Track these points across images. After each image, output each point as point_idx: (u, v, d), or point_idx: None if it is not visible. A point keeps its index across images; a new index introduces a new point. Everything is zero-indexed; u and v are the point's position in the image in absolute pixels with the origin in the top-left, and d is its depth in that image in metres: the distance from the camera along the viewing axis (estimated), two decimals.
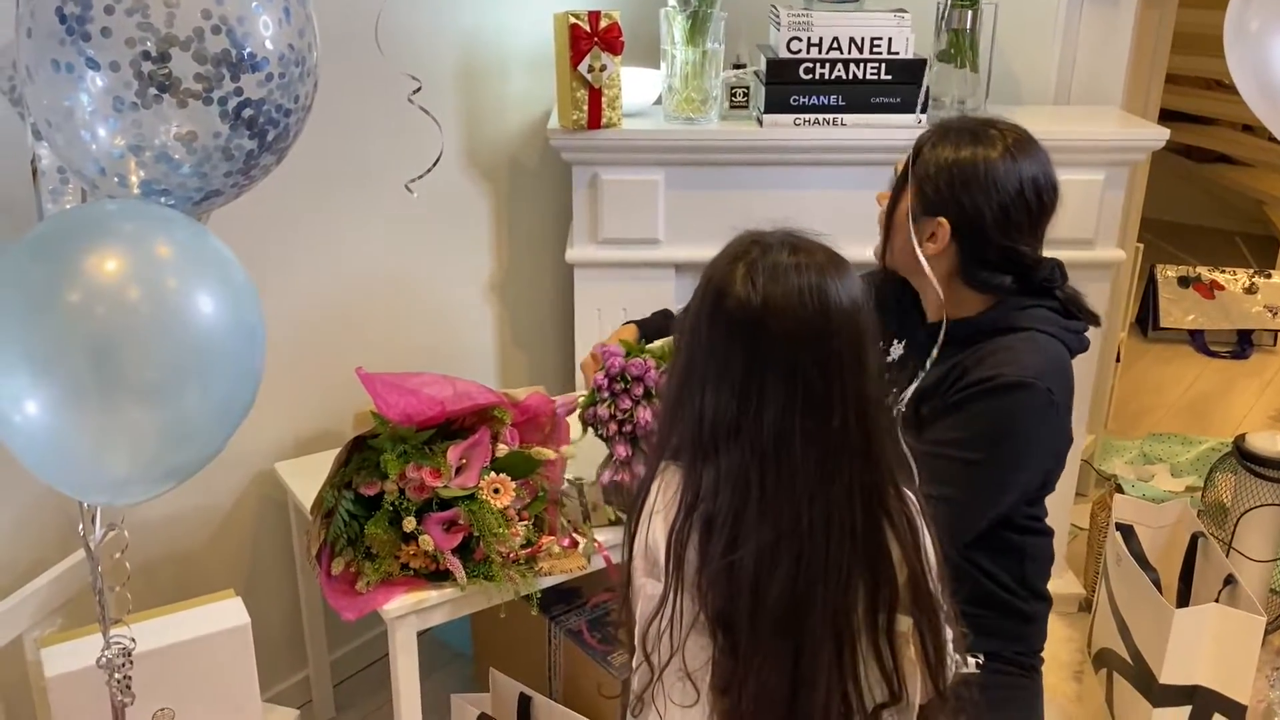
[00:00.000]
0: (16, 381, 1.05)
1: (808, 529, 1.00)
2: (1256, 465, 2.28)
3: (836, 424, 1.00)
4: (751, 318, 1.01)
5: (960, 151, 1.50)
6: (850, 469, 1.01)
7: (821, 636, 1.01)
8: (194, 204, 1.17)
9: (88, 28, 1.05)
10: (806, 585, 1.00)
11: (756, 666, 1.02)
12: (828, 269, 1.03)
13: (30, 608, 1.56)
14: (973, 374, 1.48)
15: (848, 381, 1.01)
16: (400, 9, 1.94)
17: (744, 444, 1.01)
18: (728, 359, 1.02)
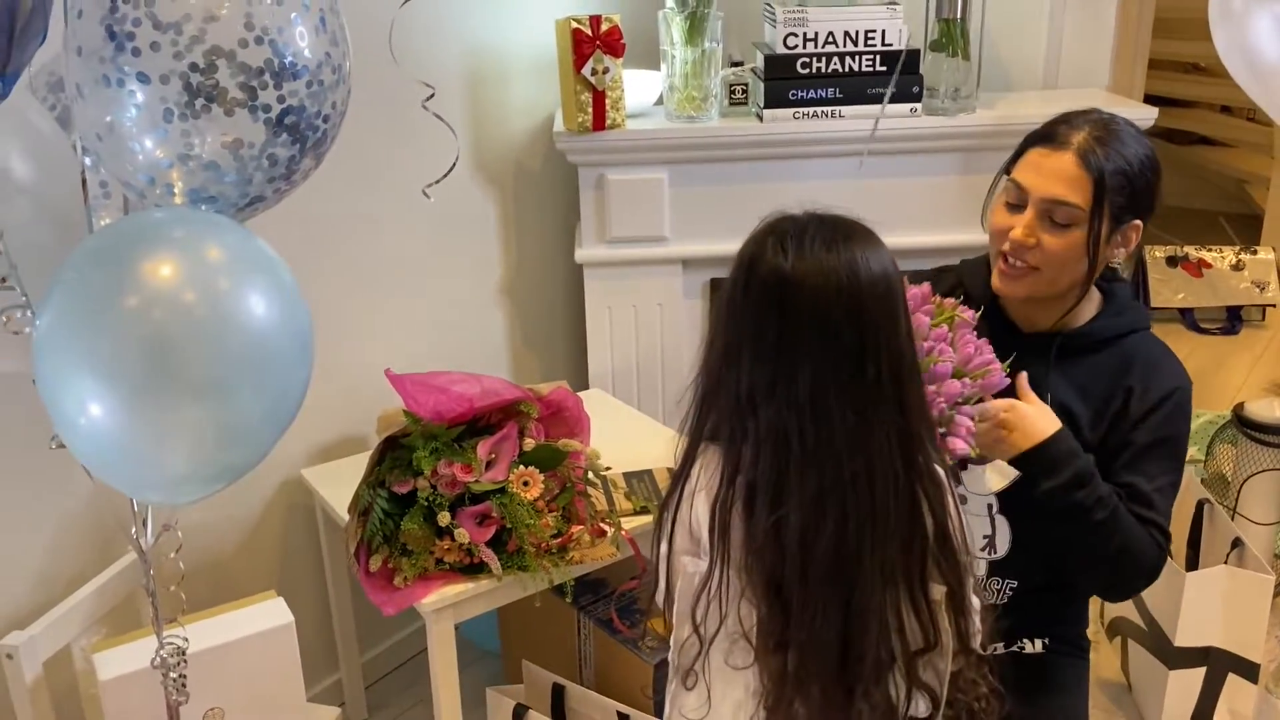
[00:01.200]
0: (80, 385, 1.09)
1: (850, 479, 1.04)
2: (1256, 432, 2.35)
3: (871, 377, 1.04)
4: (783, 281, 1.04)
5: (1138, 143, 1.50)
6: (888, 420, 1.05)
7: (871, 585, 1.05)
8: (238, 209, 1.21)
9: (136, 43, 1.09)
10: (856, 535, 1.04)
11: (808, 621, 1.06)
12: (855, 236, 1.07)
13: (77, 618, 1.59)
14: (1152, 393, 1.50)
15: (881, 339, 1.05)
16: (405, 19, 1.99)
17: (780, 406, 1.04)
18: (761, 326, 1.06)
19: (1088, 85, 2.52)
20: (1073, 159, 1.45)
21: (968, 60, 2.20)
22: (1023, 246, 1.47)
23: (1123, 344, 1.54)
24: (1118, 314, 1.56)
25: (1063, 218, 1.45)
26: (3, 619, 1.60)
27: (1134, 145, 1.49)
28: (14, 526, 1.64)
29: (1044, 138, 1.49)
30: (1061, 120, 1.51)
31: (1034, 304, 1.56)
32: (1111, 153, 1.45)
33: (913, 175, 2.23)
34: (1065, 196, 1.44)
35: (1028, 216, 1.47)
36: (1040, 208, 1.46)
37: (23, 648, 1.48)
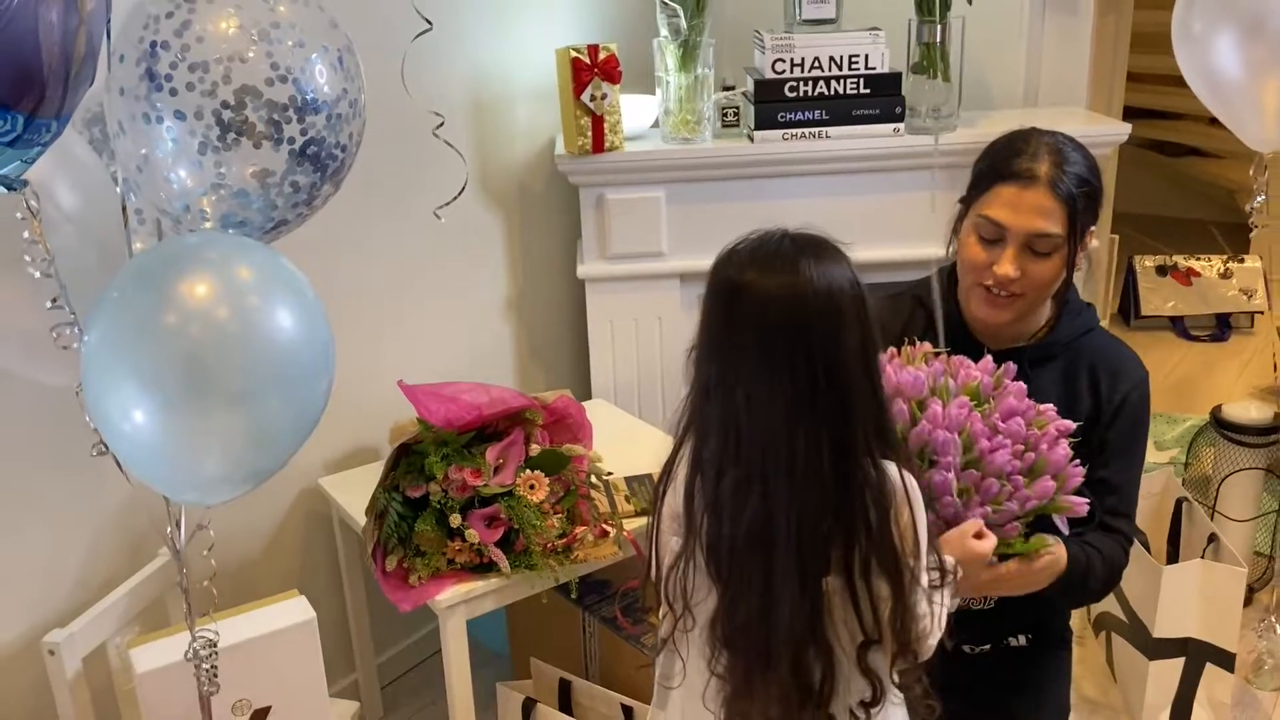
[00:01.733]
0: (125, 394, 1.19)
1: (771, 471, 1.12)
2: (1233, 433, 2.44)
3: (805, 383, 1.11)
4: (735, 289, 1.14)
5: (1085, 157, 1.56)
6: (820, 426, 1.12)
7: (786, 569, 1.13)
8: (265, 233, 1.32)
9: (173, 84, 1.21)
10: (769, 520, 1.13)
11: (731, 595, 1.16)
12: (812, 252, 1.15)
13: (112, 617, 1.69)
14: (1118, 392, 1.58)
15: (821, 350, 1.11)
16: (415, 52, 2.10)
17: (726, 399, 1.14)
18: (716, 328, 1.16)
19: (1066, 103, 2.63)
20: (1046, 192, 1.50)
21: (948, 81, 2.31)
22: (1008, 279, 1.52)
23: (1080, 344, 1.62)
24: (1073, 318, 1.64)
25: (1044, 247, 1.51)
26: (44, 617, 1.71)
27: (1083, 160, 1.57)
28: (54, 531, 1.75)
29: (1011, 175, 1.53)
30: (1016, 153, 1.55)
31: (1011, 322, 1.61)
32: (1072, 175, 1.52)
33: (897, 191, 2.34)
34: (1047, 229, 1.50)
35: (1010, 252, 1.52)
36: (1022, 241, 1.51)
37: (64, 644, 1.58)
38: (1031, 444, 1.40)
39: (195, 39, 1.21)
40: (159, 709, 1.57)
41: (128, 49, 1.22)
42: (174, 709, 1.56)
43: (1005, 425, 1.39)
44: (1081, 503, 1.42)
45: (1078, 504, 1.41)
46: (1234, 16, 1.85)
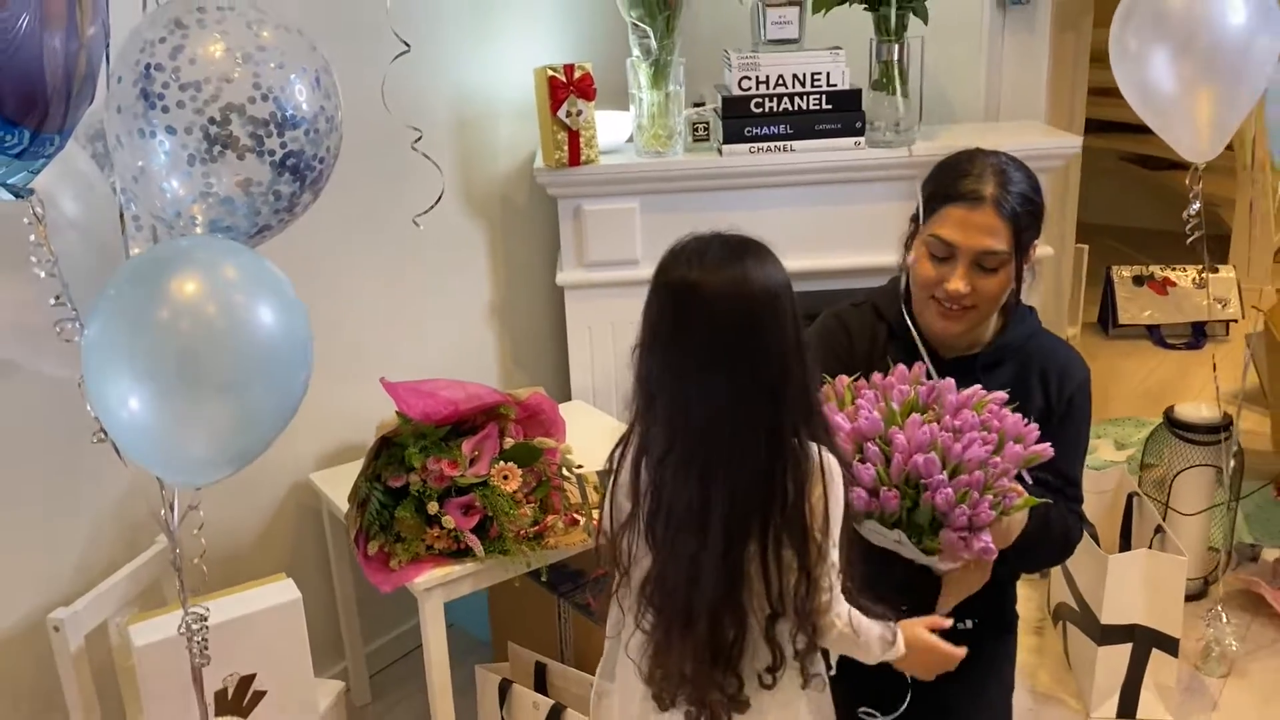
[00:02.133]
0: (122, 384, 1.32)
1: (710, 457, 1.24)
2: (1184, 431, 2.55)
3: (744, 374, 1.23)
4: (679, 288, 1.25)
5: (1026, 176, 1.67)
6: (754, 414, 1.24)
7: (715, 543, 1.25)
8: (250, 237, 1.45)
9: (165, 102, 1.33)
10: (705, 500, 1.25)
11: (662, 561, 1.29)
12: (751, 253, 1.26)
13: (113, 598, 1.81)
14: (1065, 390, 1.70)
15: (757, 343, 1.23)
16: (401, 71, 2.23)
17: (672, 388, 1.26)
18: (660, 324, 1.27)
19: (1026, 117, 2.76)
20: (992, 212, 1.60)
21: (906, 97, 2.44)
22: (961, 296, 1.63)
23: (1028, 348, 1.74)
24: (1019, 323, 1.75)
25: (992, 263, 1.62)
26: (50, 596, 1.83)
27: (1025, 179, 1.67)
28: (60, 515, 1.87)
29: (960, 197, 1.63)
30: (963, 174, 1.65)
31: (965, 333, 1.71)
32: (1015, 194, 1.63)
33: (859, 202, 2.46)
34: (994, 246, 1.60)
35: (961, 269, 1.62)
36: (971, 259, 1.62)
37: (67, 621, 1.70)
38: (987, 424, 1.51)
39: (187, 61, 1.34)
40: (155, 680, 1.69)
41: (125, 71, 1.35)
42: (169, 680, 1.68)
43: (961, 421, 1.50)
44: (1045, 448, 1.52)
45: (1044, 450, 1.52)
46: (1166, 35, 1.97)
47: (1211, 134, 2.08)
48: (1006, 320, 1.74)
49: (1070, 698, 2.33)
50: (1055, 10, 2.77)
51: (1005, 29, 2.74)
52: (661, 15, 2.32)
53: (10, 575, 1.83)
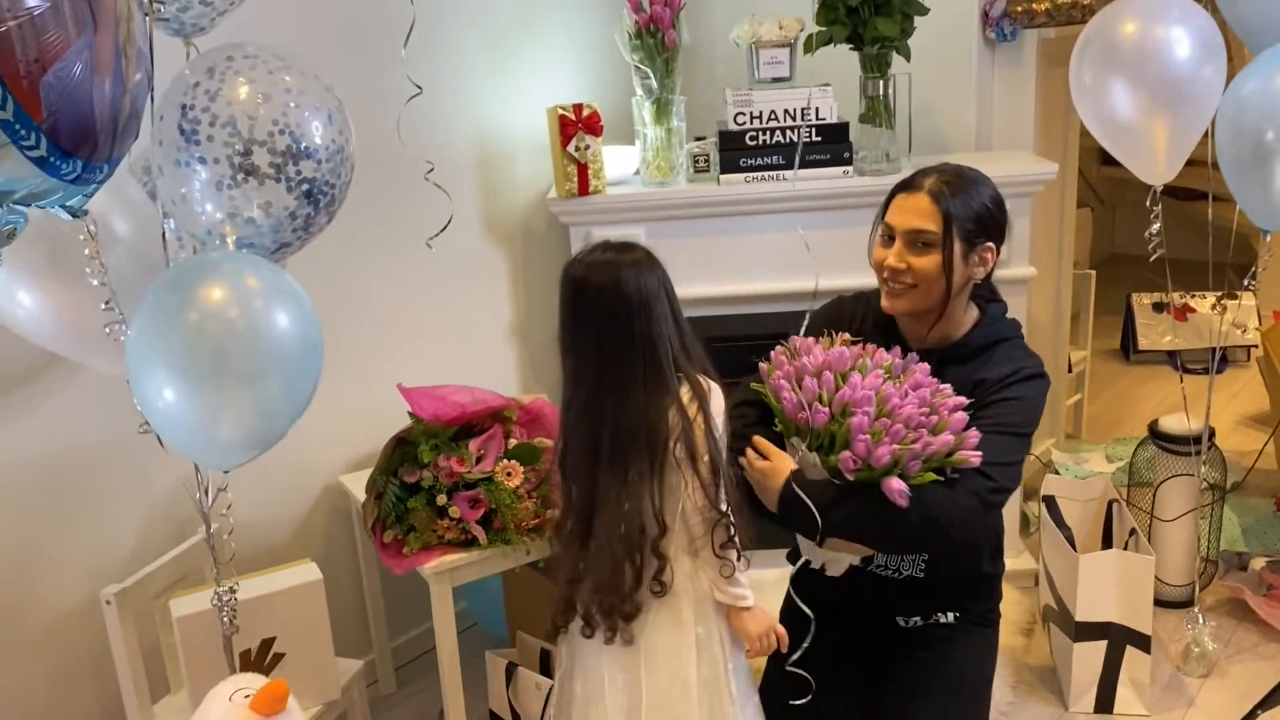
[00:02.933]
0: (158, 376, 1.54)
1: (602, 403, 1.64)
2: (1167, 442, 2.66)
3: (628, 342, 1.63)
4: (574, 286, 1.68)
5: (980, 184, 1.85)
6: (639, 367, 1.63)
7: (610, 473, 1.65)
8: (271, 252, 1.68)
9: (198, 136, 1.57)
10: (602, 439, 1.64)
11: (570, 490, 1.71)
12: (628, 262, 1.65)
13: (158, 579, 2.04)
14: (1002, 369, 1.82)
15: (639, 321, 1.63)
16: (426, 111, 2.46)
17: (577, 356, 1.68)
18: (565, 313, 1.69)
19: (1016, 148, 2.91)
20: (925, 196, 1.82)
21: (893, 129, 2.61)
22: (897, 270, 1.83)
23: (992, 351, 1.88)
24: (989, 326, 1.90)
25: (924, 240, 1.81)
26: (102, 574, 2.06)
27: (977, 184, 1.86)
28: (114, 505, 2.11)
29: (904, 185, 1.87)
30: (919, 172, 1.88)
31: (918, 321, 1.89)
32: (956, 189, 1.82)
33: (848, 227, 2.62)
34: (921, 225, 1.80)
35: (897, 247, 1.84)
36: (906, 238, 1.82)
37: (118, 597, 1.93)
38: (935, 409, 1.71)
39: (217, 103, 1.58)
40: (192, 646, 1.90)
41: (167, 110, 1.59)
42: (203, 647, 1.89)
43: (914, 392, 1.71)
44: (976, 455, 1.69)
45: (972, 457, 1.69)
46: (1117, 68, 2.14)
47: (1167, 158, 2.22)
48: (976, 322, 1.90)
49: (1051, 694, 2.45)
50: (1044, 47, 2.93)
51: (994, 64, 2.90)
52: (661, 58, 2.53)
53: (71, 558, 2.06)
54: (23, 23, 1.15)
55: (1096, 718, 2.36)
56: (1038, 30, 2.89)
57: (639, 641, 1.70)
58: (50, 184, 1.29)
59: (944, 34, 2.75)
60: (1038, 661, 2.57)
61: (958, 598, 1.99)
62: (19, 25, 1.15)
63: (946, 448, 1.66)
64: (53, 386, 2.01)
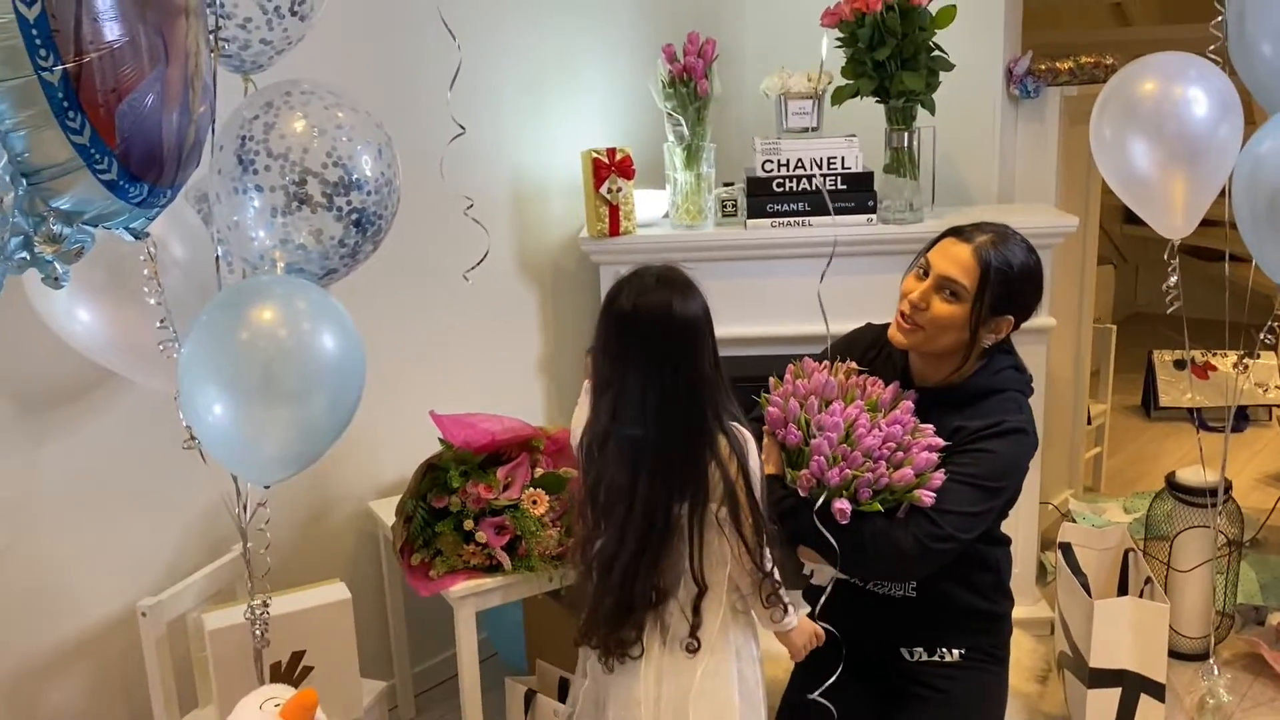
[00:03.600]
0: (208, 393, 1.61)
1: (642, 440, 1.60)
2: (1184, 494, 2.69)
3: (669, 380, 1.59)
4: (622, 311, 1.63)
5: (1026, 257, 1.90)
6: (676, 414, 1.59)
7: (637, 514, 1.60)
8: (319, 278, 1.75)
9: (255, 166, 1.66)
10: (633, 476, 1.60)
11: (599, 524, 1.66)
12: (675, 290, 1.61)
13: (192, 593, 2.10)
14: (981, 421, 1.86)
15: (683, 358, 1.59)
16: (467, 152, 2.54)
17: (616, 389, 1.63)
18: (608, 340, 1.65)
19: (1038, 200, 2.97)
20: (970, 251, 1.87)
21: (916, 180, 2.69)
22: (916, 307, 1.89)
23: (985, 401, 1.91)
24: (988, 375, 1.94)
25: (953, 290, 1.86)
26: (138, 587, 2.12)
27: (1021, 254, 1.91)
28: (151, 517, 2.18)
29: (956, 231, 1.94)
30: (975, 225, 1.95)
31: (926, 364, 1.97)
32: (1000, 254, 1.88)
33: (872, 273, 2.69)
34: (957, 276, 1.86)
35: (926, 285, 1.89)
36: (938, 281, 1.88)
37: (153, 609, 1.99)
38: (904, 445, 1.78)
39: (274, 135, 1.67)
40: (223, 659, 1.95)
41: (226, 141, 1.68)
42: (234, 660, 1.95)
43: (887, 428, 1.78)
44: (929, 496, 1.77)
45: (925, 496, 1.77)
46: (1136, 124, 2.20)
47: (1185, 213, 2.28)
48: (976, 369, 1.94)
49: None
50: (1066, 105, 3.00)
51: (1018, 120, 2.98)
52: (692, 106, 2.62)
53: (109, 570, 2.13)
54: (103, 55, 1.24)
55: None
56: (1060, 88, 2.96)
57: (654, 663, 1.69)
58: (117, 206, 1.37)
59: (969, 89, 2.83)
60: (1052, 709, 2.58)
61: (962, 632, 2.02)
62: (100, 57, 1.24)
63: (904, 482, 1.74)
64: (99, 403, 2.08)
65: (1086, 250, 3.33)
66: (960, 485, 1.81)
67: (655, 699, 1.67)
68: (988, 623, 2.06)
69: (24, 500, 2.01)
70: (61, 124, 1.19)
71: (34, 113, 1.17)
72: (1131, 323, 5.32)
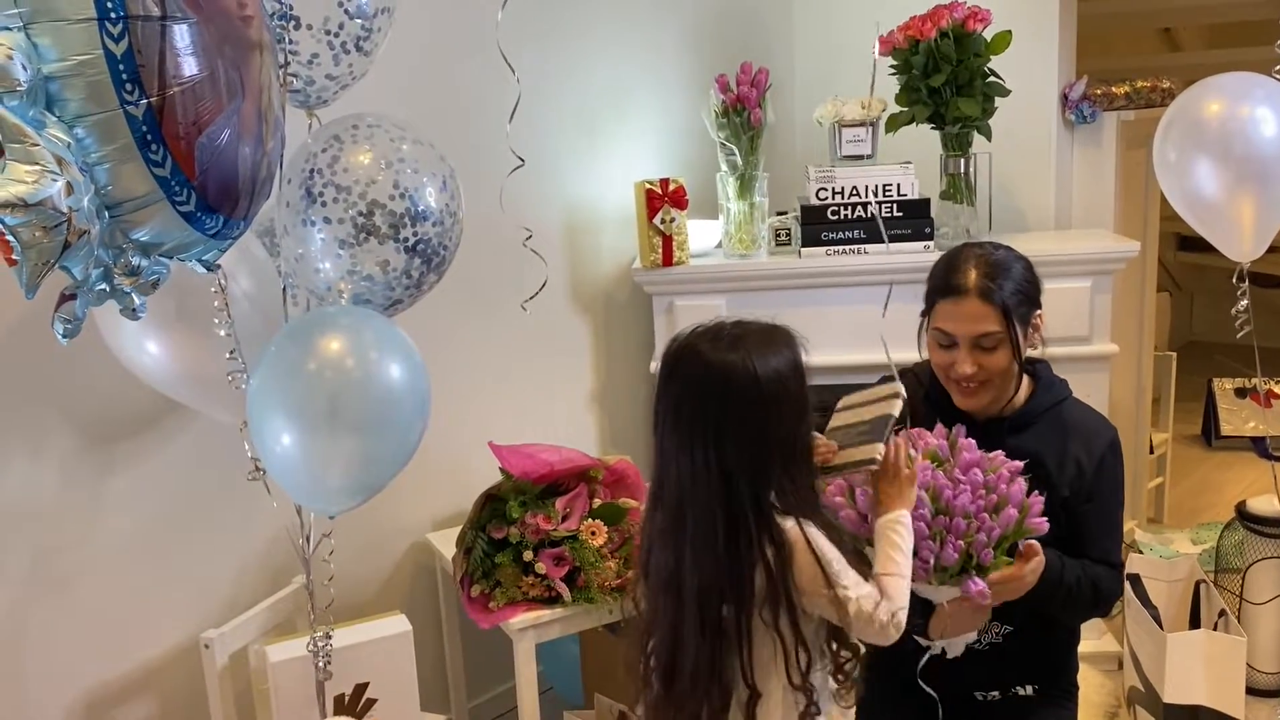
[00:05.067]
0: (276, 423, 1.62)
1: (679, 527, 1.38)
2: (1256, 525, 2.62)
3: (714, 458, 1.34)
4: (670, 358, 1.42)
5: (1013, 260, 1.81)
6: (710, 496, 1.35)
7: (689, 612, 1.37)
8: (384, 308, 1.76)
9: (324, 198, 1.68)
10: (675, 567, 1.39)
11: (650, 618, 1.44)
12: (753, 340, 1.39)
13: (254, 625, 2.10)
14: (1093, 458, 1.82)
15: (733, 427, 1.34)
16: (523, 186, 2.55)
17: (661, 462, 1.41)
18: (656, 401, 1.43)
19: (1096, 226, 2.94)
20: (977, 300, 1.76)
21: (972, 206, 2.66)
22: (971, 376, 1.79)
23: (1058, 411, 1.88)
24: (1047, 390, 1.91)
25: (989, 343, 1.77)
26: (202, 618, 2.13)
27: (1013, 263, 1.82)
28: (213, 548, 2.19)
29: (945, 291, 1.80)
30: (949, 271, 1.81)
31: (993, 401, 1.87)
32: (1000, 279, 1.77)
33: None
34: (986, 329, 1.76)
35: (963, 353, 1.78)
36: (970, 343, 1.78)
37: (216, 641, 1.99)
38: (991, 486, 1.68)
39: (341, 168, 1.69)
40: (286, 691, 1.95)
41: (294, 174, 1.70)
42: (296, 692, 1.94)
43: (965, 476, 1.68)
44: (1042, 522, 1.67)
45: (1039, 524, 1.67)
46: (1203, 146, 2.16)
47: (1254, 236, 2.24)
48: (1035, 388, 1.90)
49: None
50: (1123, 129, 2.97)
51: (1074, 145, 2.95)
52: (745, 136, 2.63)
53: (173, 602, 2.14)
54: (185, 89, 1.26)
55: None
56: (1117, 113, 2.93)
57: None
58: (194, 238, 1.39)
59: (1024, 115, 2.81)
60: None
61: (1036, 669, 1.97)
62: (181, 92, 1.26)
63: (1012, 523, 1.65)
64: (164, 435, 2.10)
65: (1146, 276, 3.28)
66: (1111, 514, 1.80)
67: None
68: (1062, 655, 2.02)
69: (91, 532, 2.03)
70: (144, 156, 1.21)
71: (118, 146, 1.19)
72: (1187, 352, 5.23)
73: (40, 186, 1.11)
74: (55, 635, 1.99)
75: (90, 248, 1.18)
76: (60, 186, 1.13)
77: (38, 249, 1.13)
